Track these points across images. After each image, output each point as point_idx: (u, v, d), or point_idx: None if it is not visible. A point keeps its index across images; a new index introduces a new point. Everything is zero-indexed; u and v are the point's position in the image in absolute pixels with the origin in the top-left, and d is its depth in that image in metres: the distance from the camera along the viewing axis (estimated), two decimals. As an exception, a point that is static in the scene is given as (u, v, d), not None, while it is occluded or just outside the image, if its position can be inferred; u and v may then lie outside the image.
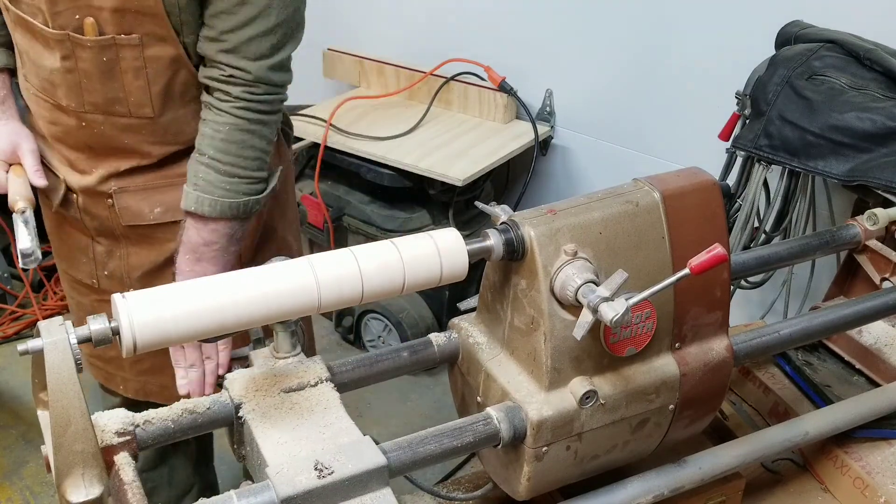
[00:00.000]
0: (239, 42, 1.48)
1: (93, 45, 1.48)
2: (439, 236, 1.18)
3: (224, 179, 1.52)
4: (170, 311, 1.05)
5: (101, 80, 1.53)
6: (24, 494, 2.64)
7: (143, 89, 1.54)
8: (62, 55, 1.52)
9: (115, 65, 1.51)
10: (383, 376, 1.34)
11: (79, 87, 1.55)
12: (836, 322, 1.54)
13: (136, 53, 1.49)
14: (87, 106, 1.57)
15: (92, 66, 1.51)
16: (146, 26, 1.47)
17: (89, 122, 1.59)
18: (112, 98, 1.55)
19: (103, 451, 1.09)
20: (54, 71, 1.55)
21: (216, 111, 1.53)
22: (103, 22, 1.47)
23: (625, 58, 2.94)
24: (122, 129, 1.59)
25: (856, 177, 1.91)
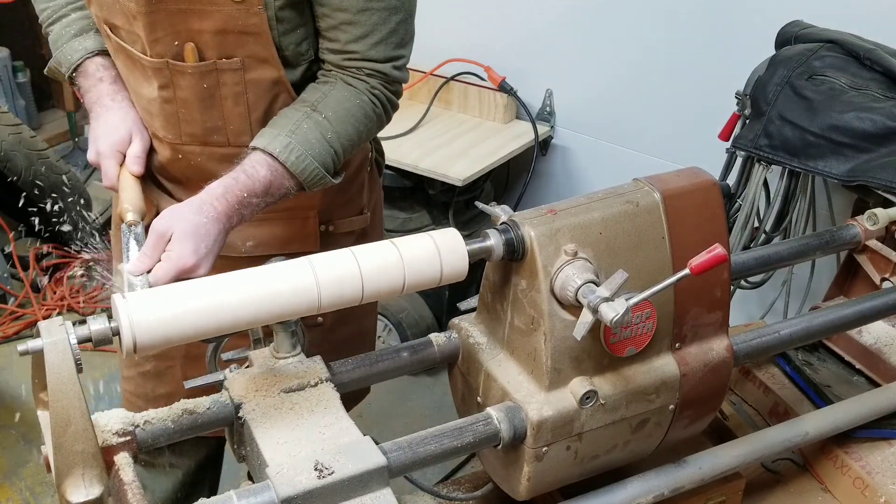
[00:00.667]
0: (366, 50, 1.46)
1: (193, 72, 1.44)
2: (439, 236, 1.18)
3: (322, 143, 1.44)
4: (170, 311, 1.05)
5: (200, 108, 1.49)
6: (24, 494, 2.64)
7: (243, 116, 1.50)
8: (160, 84, 1.48)
9: (216, 91, 1.47)
10: (383, 376, 1.34)
11: (176, 117, 1.50)
12: (836, 322, 1.54)
13: (237, 78, 1.46)
14: (184, 137, 1.53)
15: (191, 93, 1.47)
16: (248, 48, 1.43)
17: (185, 153, 1.55)
18: (210, 127, 1.51)
19: (103, 451, 1.09)
20: (152, 101, 1.51)
21: (348, 84, 1.48)
22: (204, 46, 1.43)
23: (625, 58, 2.94)
24: (220, 160, 1.53)
25: (856, 177, 1.91)
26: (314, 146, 1.43)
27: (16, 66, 3.81)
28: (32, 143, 3.37)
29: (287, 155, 1.41)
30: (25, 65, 3.86)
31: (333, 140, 1.45)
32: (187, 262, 1.29)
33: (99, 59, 1.57)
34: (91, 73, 1.57)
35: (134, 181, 1.51)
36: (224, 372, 1.25)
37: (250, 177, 1.40)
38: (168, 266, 1.28)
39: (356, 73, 1.48)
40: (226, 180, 1.39)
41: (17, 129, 3.33)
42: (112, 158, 1.52)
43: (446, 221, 3.10)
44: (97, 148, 1.53)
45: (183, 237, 1.30)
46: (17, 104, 3.84)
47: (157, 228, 1.31)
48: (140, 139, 1.55)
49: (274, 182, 1.41)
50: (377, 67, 1.48)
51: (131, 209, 1.44)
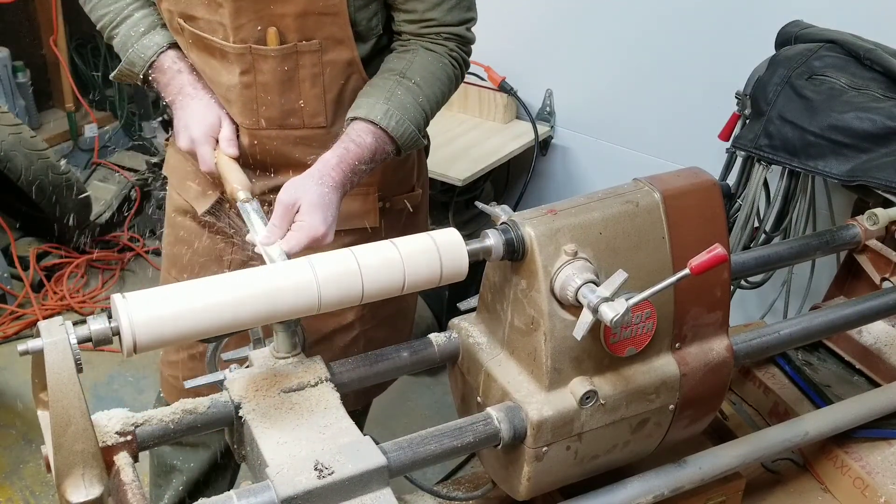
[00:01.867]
0: (442, 16, 1.55)
1: (275, 55, 1.51)
2: (439, 236, 1.18)
3: (416, 106, 1.52)
4: (169, 311, 1.05)
5: (280, 90, 1.55)
6: (24, 494, 2.64)
7: (319, 97, 1.56)
8: (242, 69, 1.53)
9: (294, 74, 1.53)
10: (383, 376, 1.34)
11: (255, 102, 1.56)
12: (836, 322, 1.54)
13: (315, 59, 1.52)
14: (262, 121, 1.58)
15: (271, 77, 1.53)
16: (326, 29, 1.50)
17: (262, 138, 1.60)
18: (288, 110, 1.57)
19: (103, 451, 1.09)
20: (231, 87, 1.56)
21: (428, 50, 1.57)
22: (285, 29, 1.49)
23: (625, 58, 2.94)
24: (295, 142, 1.61)
25: (856, 177, 1.91)
26: (409, 110, 1.51)
27: (16, 66, 3.81)
28: (32, 143, 3.37)
29: (388, 121, 1.48)
30: (25, 65, 3.86)
31: (424, 103, 1.54)
32: (319, 231, 1.35)
33: (172, 52, 1.62)
34: (167, 67, 1.61)
35: (233, 163, 1.56)
36: (224, 372, 1.25)
37: (359, 145, 1.46)
38: (301, 235, 1.34)
39: (435, 39, 1.58)
40: (338, 150, 1.45)
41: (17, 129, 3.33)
42: (207, 144, 1.58)
43: (446, 221, 3.10)
44: (191, 135, 1.58)
45: (311, 208, 1.36)
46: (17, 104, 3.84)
47: (283, 200, 1.36)
48: (228, 123, 1.61)
49: (378, 148, 1.49)
50: (454, 31, 1.58)
51: (241, 188, 1.49)
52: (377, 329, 1.83)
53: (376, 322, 1.82)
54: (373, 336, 1.81)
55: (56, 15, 3.80)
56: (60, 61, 3.91)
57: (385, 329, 1.86)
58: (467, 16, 1.60)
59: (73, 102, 4.01)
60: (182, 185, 1.77)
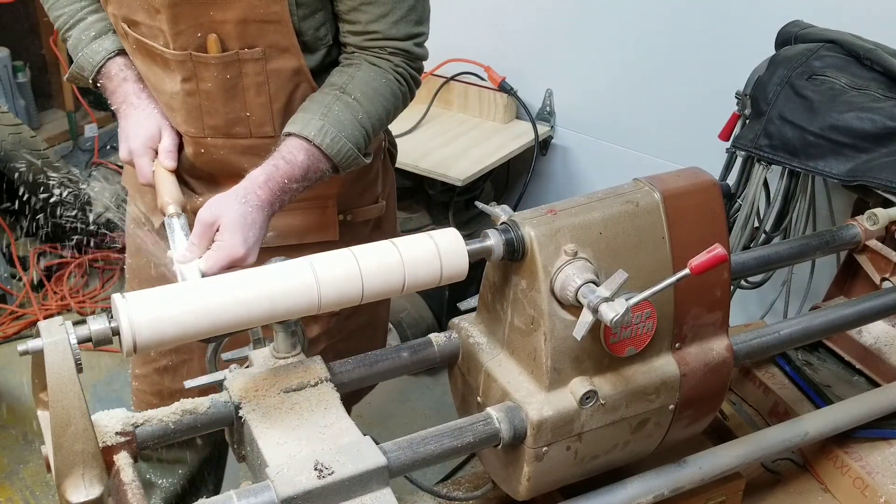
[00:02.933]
0: (387, 29, 1.49)
1: (216, 63, 1.47)
2: (439, 236, 1.18)
3: (354, 124, 1.47)
4: (169, 311, 1.05)
5: (223, 99, 1.51)
6: (24, 494, 2.64)
7: (265, 106, 1.52)
8: (183, 77, 1.50)
9: (238, 82, 1.49)
10: (383, 376, 1.34)
11: (199, 110, 1.52)
12: (836, 322, 1.54)
13: (259, 68, 1.48)
14: (206, 130, 1.55)
15: (214, 85, 1.49)
16: (269, 37, 1.46)
17: (208, 147, 1.57)
18: (233, 119, 1.53)
19: (103, 451, 1.09)
20: (174, 95, 1.53)
21: (372, 65, 1.51)
22: (226, 37, 1.45)
23: (625, 58, 2.94)
24: (242, 151, 1.56)
25: (856, 177, 1.91)
26: (347, 127, 1.46)
27: (16, 66, 3.81)
28: (32, 143, 3.37)
29: (322, 138, 1.43)
30: (25, 65, 3.86)
31: (364, 120, 1.48)
32: (238, 252, 1.31)
33: (120, 59, 1.59)
34: (114, 74, 1.59)
35: (169, 175, 1.53)
36: (224, 372, 1.25)
37: (289, 163, 1.41)
38: (219, 256, 1.30)
39: (379, 53, 1.51)
40: (266, 168, 1.41)
41: (17, 129, 3.33)
42: (145, 156, 1.54)
43: (446, 221, 3.10)
44: (129, 146, 1.55)
45: (231, 227, 1.32)
46: (17, 104, 3.84)
47: (203, 218, 1.32)
48: (169, 134, 1.57)
49: (311, 166, 1.43)
50: (399, 45, 1.52)
51: (171, 202, 1.46)
52: (346, 342, 1.80)
53: (344, 335, 1.79)
54: (341, 349, 1.75)
55: (56, 15, 3.80)
56: (60, 61, 3.91)
57: (354, 341, 1.82)
58: (415, 30, 1.53)
59: (73, 102, 4.01)
60: (139, 196, 1.75)
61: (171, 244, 1.38)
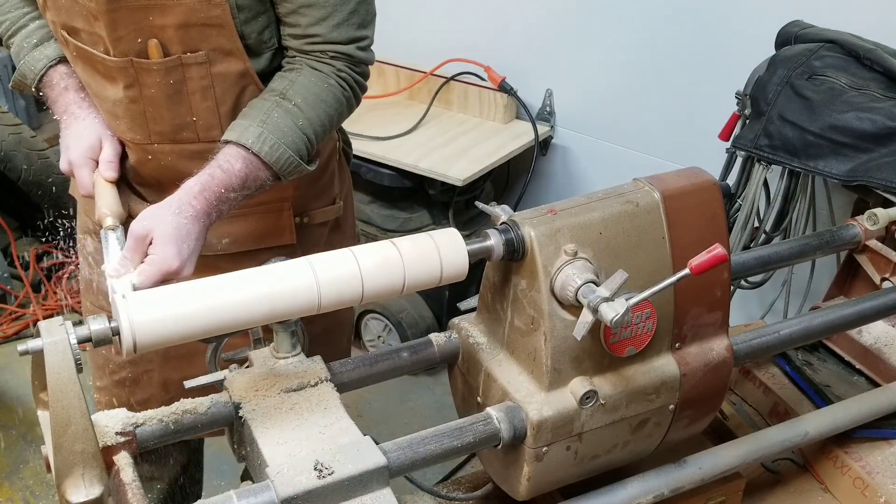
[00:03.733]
0: (328, 32, 1.45)
1: (158, 68, 1.43)
2: (439, 236, 1.18)
3: (295, 130, 1.43)
4: (170, 311, 1.05)
5: (168, 105, 1.48)
6: (24, 494, 2.64)
7: (212, 110, 1.49)
8: (125, 84, 1.46)
9: (182, 86, 1.46)
10: (383, 376, 1.34)
11: (143, 116, 1.49)
12: (836, 322, 1.54)
13: (203, 71, 1.45)
14: (152, 136, 1.51)
15: (158, 91, 1.46)
16: (212, 40, 1.42)
17: (155, 153, 1.53)
18: (179, 124, 1.50)
19: (103, 451, 1.09)
20: (117, 102, 1.49)
21: (314, 69, 1.47)
22: (167, 41, 1.41)
23: (625, 58, 2.94)
24: (190, 157, 1.52)
25: (856, 177, 1.91)
26: (287, 134, 1.42)
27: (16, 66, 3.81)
28: (32, 143, 3.37)
29: (260, 145, 1.40)
30: (25, 65, 3.86)
31: (305, 126, 1.45)
32: (172, 266, 1.27)
33: (62, 67, 1.56)
34: (55, 83, 1.56)
35: (109, 186, 1.50)
36: (224, 372, 1.25)
37: (226, 171, 1.38)
38: (152, 270, 1.26)
39: (320, 57, 1.48)
40: (202, 177, 1.37)
41: (17, 129, 3.33)
42: (85, 167, 1.51)
43: (446, 221, 3.10)
44: (69, 157, 1.52)
45: (165, 240, 1.28)
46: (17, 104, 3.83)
47: (135, 231, 1.29)
48: (110, 144, 1.54)
49: (250, 174, 1.40)
50: (341, 49, 1.48)
51: (109, 214, 1.43)
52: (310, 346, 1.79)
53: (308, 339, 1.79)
54: None
55: (56, 15, 3.80)
56: (60, 61, 3.91)
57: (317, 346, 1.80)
58: (358, 34, 1.49)
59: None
60: (88, 206, 1.69)
61: (106, 257, 1.35)
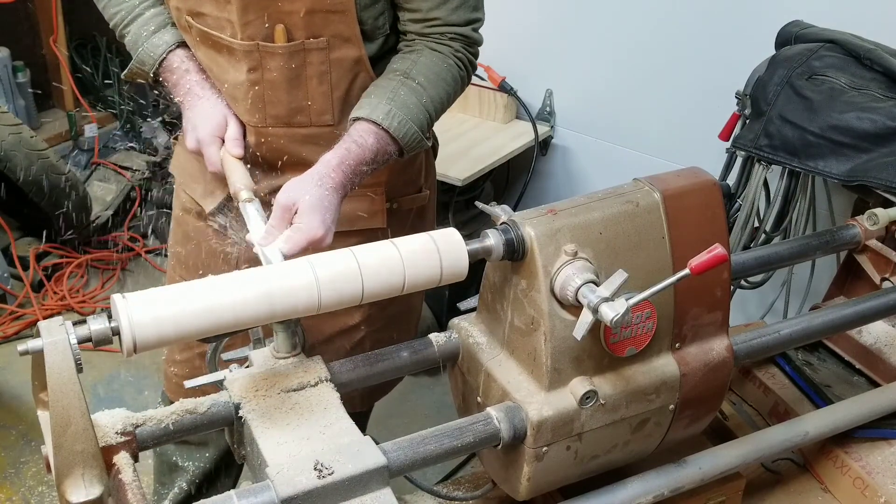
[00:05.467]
0: (447, 15, 1.54)
1: (283, 52, 1.50)
2: (439, 236, 1.18)
3: (419, 107, 1.51)
4: (169, 311, 1.05)
5: (287, 88, 1.54)
6: (24, 494, 2.64)
7: (326, 95, 1.56)
8: (249, 67, 1.53)
9: (302, 71, 1.53)
10: (383, 376, 1.34)
11: (262, 99, 1.56)
12: (836, 322, 1.54)
13: (323, 57, 1.52)
14: (268, 119, 1.58)
15: (279, 75, 1.53)
16: (333, 27, 1.50)
17: (269, 136, 1.60)
18: (295, 108, 1.57)
19: (103, 451, 1.09)
20: (238, 85, 1.56)
21: (433, 50, 1.55)
22: (293, 27, 1.49)
23: (625, 58, 2.94)
24: (302, 140, 1.60)
25: (856, 177, 1.91)
26: (412, 111, 1.50)
27: (16, 66, 3.81)
28: (32, 143, 3.37)
29: (390, 121, 1.47)
30: (25, 65, 3.86)
31: (428, 104, 1.53)
32: (317, 233, 1.34)
33: (181, 51, 1.62)
34: (176, 67, 1.61)
35: (238, 163, 1.56)
36: (224, 372, 1.25)
37: (360, 146, 1.45)
38: (300, 237, 1.33)
39: (440, 39, 1.56)
40: (338, 151, 1.44)
41: (17, 129, 3.33)
42: (213, 144, 1.58)
43: (446, 221, 3.10)
44: (197, 136, 1.58)
45: (310, 209, 1.35)
46: (17, 104, 3.84)
47: (281, 201, 1.35)
48: (235, 122, 1.60)
49: (380, 149, 1.47)
50: (459, 31, 1.56)
51: (243, 188, 1.48)
52: (384, 330, 1.83)
53: (383, 322, 1.82)
54: (379, 337, 1.80)
55: (56, 15, 3.80)
56: (60, 61, 3.91)
57: (392, 329, 1.85)
58: (473, 16, 1.59)
59: (73, 102, 4.01)
60: (189, 183, 1.78)
61: (251, 228, 1.41)
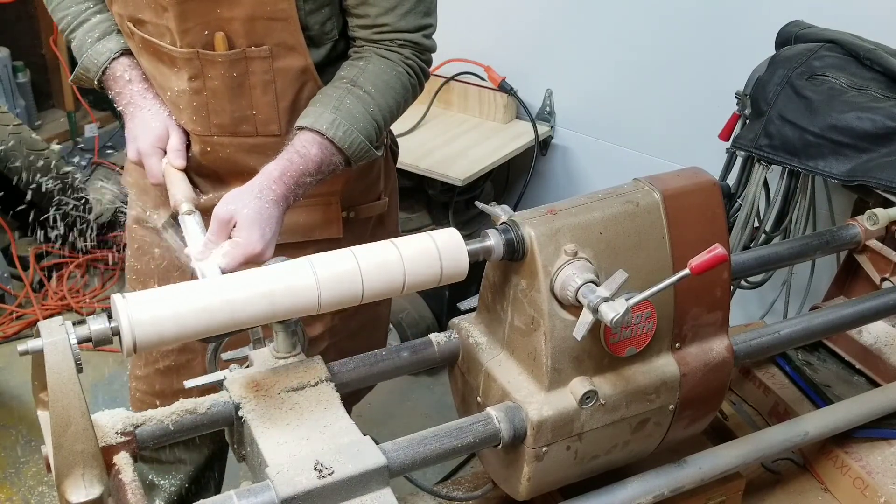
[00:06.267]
0: (396, 21, 1.49)
1: (223, 60, 1.47)
2: (439, 236, 1.18)
3: (366, 116, 1.47)
4: (169, 311, 1.05)
5: (230, 97, 1.51)
6: (24, 494, 2.64)
7: (271, 105, 1.53)
8: (190, 75, 1.50)
9: (245, 80, 1.50)
10: (383, 376, 1.34)
11: (205, 108, 1.53)
12: (836, 322, 1.54)
13: (266, 66, 1.49)
14: (213, 128, 1.55)
15: (221, 83, 1.50)
16: (276, 35, 1.46)
17: (214, 145, 1.57)
18: (239, 117, 1.54)
19: (103, 451, 1.09)
20: (181, 93, 1.53)
21: (382, 57, 1.52)
22: (233, 34, 1.46)
23: (625, 58, 2.94)
24: (249, 150, 1.57)
25: (856, 177, 1.91)
26: (359, 120, 1.46)
27: (16, 66, 3.81)
28: (32, 143, 3.37)
29: (335, 131, 1.43)
30: (25, 65, 3.86)
31: (376, 113, 1.49)
32: (256, 248, 1.31)
33: (124, 59, 1.59)
34: (119, 75, 1.59)
35: (180, 174, 1.54)
36: (224, 372, 1.25)
37: (303, 157, 1.42)
38: (237, 252, 1.30)
39: (389, 46, 1.52)
40: (280, 162, 1.41)
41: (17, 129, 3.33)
42: (154, 155, 1.55)
43: (446, 221, 3.10)
44: (138, 147, 1.55)
45: (248, 223, 1.32)
46: (17, 104, 3.84)
47: (219, 214, 1.32)
48: (177, 133, 1.58)
49: (325, 159, 1.44)
50: (409, 37, 1.52)
51: (184, 200, 1.46)
52: (349, 340, 1.80)
53: (347, 333, 1.79)
54: (344, 347, 1.76)
55: (56, 15, 3.80)
56: (60, 61, 3.91)
57: (357, 339, 1.82)
58: (424, 22, 1.54)
59: (73, 102, 4.01)
60: (141, 195, 1.75)
61: (188, 242, 1.38)
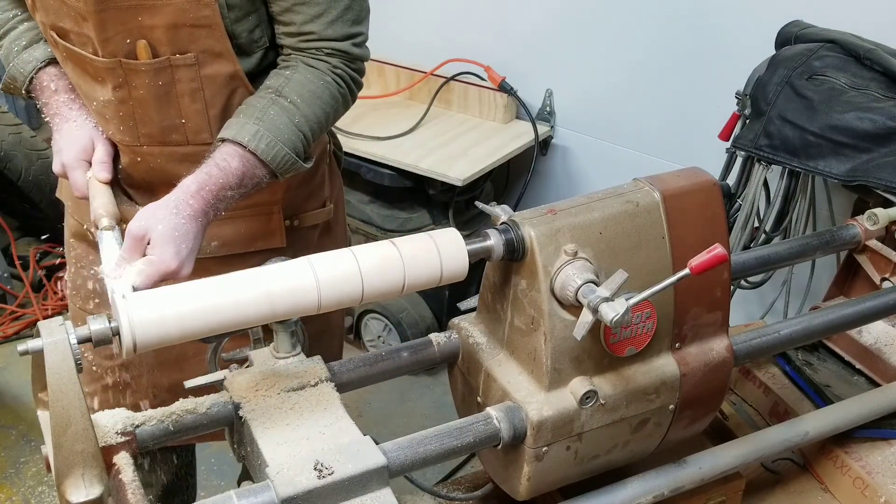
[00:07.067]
0: (322, 29, 1.45)
1: (147, 69, 1.42)
2: (439, 236, 1.18)
3: (291, 128, 1.42)
4: (169, 311, 1.05)
5: (157, 106, 1.46)
6: (24, 494, 2.64)
7: (201, 113, 1.48)
8: (114, 85, 1.45)
9: (171, 88, 1.45)
10: (383, 376, 1.34)
11: (132, 118, 1.48)
12: (836, 322, 1.54)
13: (193, 74, 1.44)
14: (142, 138, 1.50)
15: (147, 92, 1.45)
16: (202, 42, 1.41)
17: (144, 156, 1.52)
18: (168, 126, 1.49)
19: (103, 451, 1.09)
20: (106, 104, 1.48)
21: (309, 66, 1.46)
22: (156, 42, 1.40)
23: (625, 58, 2.94)
24: (180, 159, 1.51)
25: (856, 177, 1.91)
26: (283, 131, 1.41)
27: (16, 66, 3.81)
28: (32, 143, 3.37)
29: (257, 143, 1.38)
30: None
31: (301, 124, 1.43)
32: (170, 266, 1.26)
33: (51, 69, 1.55)
34: (45, 86, 1.55)
35: (103, 187, 1.49)
36: (224, 372, 1.25)
37: (223, 170, 1.37)
38: (151, 270, 1.24)
39: (316, 54, 1.47)
40: (199, 176, 1.36)
41: (17, 129, 3.33)
42: (78, 168, 1.50)
43: (446, 221, 3.10)
44: (62, 159, 1.51)
45: (163, 240, 1.27)
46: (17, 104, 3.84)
47: (133, 231, 1.27)
48: (102, 145, 1.53)
49: (247, 172, 1.39)
50: (336, 46, 1.47)
51: (105, 215, 1.41)
52: None
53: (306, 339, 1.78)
54: None
55: (56, 15, 3.80)
56: (60, 61, 3.91)
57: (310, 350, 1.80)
58: (353, 30, 1.49)
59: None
60: (77, 209, 1.70)
61: (103, 258, 1.32)
